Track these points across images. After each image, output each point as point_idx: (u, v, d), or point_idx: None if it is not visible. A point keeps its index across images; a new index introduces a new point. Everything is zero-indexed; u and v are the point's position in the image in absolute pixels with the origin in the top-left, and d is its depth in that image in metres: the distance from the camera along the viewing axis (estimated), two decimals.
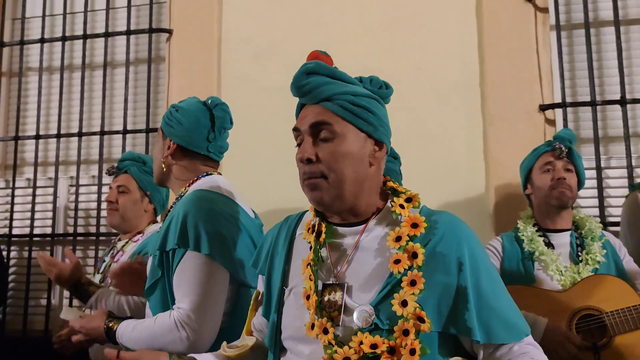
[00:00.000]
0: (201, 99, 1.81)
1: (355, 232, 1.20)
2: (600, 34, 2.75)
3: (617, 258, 2.06)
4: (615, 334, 1.86)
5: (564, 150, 2.11)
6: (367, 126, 1.19)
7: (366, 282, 1.14)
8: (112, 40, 3.22)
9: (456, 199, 2.51)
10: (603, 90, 2.69)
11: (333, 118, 1.18)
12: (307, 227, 1.26)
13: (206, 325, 1.48)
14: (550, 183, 2.10)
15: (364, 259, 1.17)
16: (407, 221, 1.16)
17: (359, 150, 1.18)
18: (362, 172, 1.19)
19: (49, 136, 3.19)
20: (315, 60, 1.25)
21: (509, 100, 2.58)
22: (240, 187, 2.75)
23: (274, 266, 1.28)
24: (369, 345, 1.07)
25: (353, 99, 1.19)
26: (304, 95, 1.23)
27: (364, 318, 1.10)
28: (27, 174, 3.31)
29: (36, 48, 3.30)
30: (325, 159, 1.17)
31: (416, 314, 1.07)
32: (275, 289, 1.25)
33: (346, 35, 2.77)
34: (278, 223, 1.37)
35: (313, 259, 1.19)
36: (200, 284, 1.49)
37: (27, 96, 3.35)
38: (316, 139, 1.19)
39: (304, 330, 1.14)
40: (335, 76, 1.23)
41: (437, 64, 2.68)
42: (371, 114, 1.20)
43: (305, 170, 1.18)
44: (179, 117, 1.73)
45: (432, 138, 2.62)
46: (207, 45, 2.92)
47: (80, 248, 3.10)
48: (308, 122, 1.20)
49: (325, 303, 1.14)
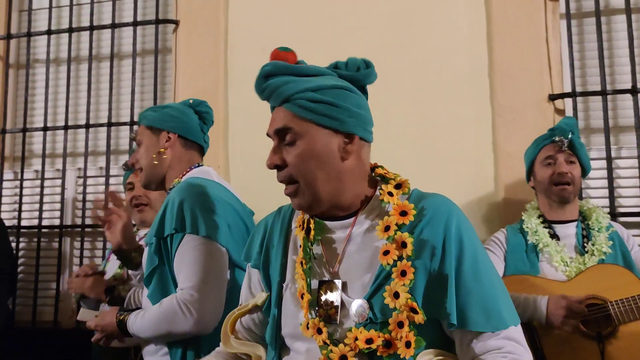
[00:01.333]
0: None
1: (345, 226, 1.18)
2: (611, 22, 2.71)
3: (625, 249, 2.04)
4: (620, 323, 1.86)
5: (564, 143, 2.08)
6: (330, 121, 1.14)
7: (360, 276, 1.13)
8: (118, 32, 3.21)
9: (465, 190, 2.49)
10: (614, 80, 2.66)
11: (293, 120, 1.15)
12: (298, 224, 1.23)
13: (210, 303, 1.50)
14: (551, 178, 2.08)
15: (356, 252, 1.15)
16: (396, 209, 1.13)
17: (324, 147, 1.14)
18: (334, 169, 1.15)
19: (56, 128, 3.19)
20: (273, 61, 1.20)
21: (518, 90, 2.55)
22: (247, 181, 2.77)
23: (270, 260, 1.26)
24: (364, 341, 1.06)
25: (313, 96, 1.14)
26: (267, 98, 1.22)
27: (359, 313, 1.09)
28: (35, 165, 3.32)
29: (43, 40, 3.30)
30: (292, 163, 1.15)
31: (408, 305, 1.05)
32: (275, 284, 1.22)
33: (353, 27, 2.74)
34: (270, 214, 1.34)
35: (304, 257, 1.17)
36: (200, 264, 1.52)
37: (35, 88, 3.35)
38: (282, 143, 1.18)
39: (301, 329, 1.14)
40: (295, 73, 1.18)
41: (445, 54, 2.65)
42: (335, 108, 1.14)
43: (278, 176, 1.19)
44: (169, 112, 1.79)
45: (440, 129, 2.60)
46: (214, 36, 2.90)
47: (88, 239, 3.12)
48: (272, 129, 1.19)
49: (322, 302, 1.13)
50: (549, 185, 2.08)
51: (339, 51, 2.77)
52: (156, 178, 1.78)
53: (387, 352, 1.05)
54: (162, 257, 1.60)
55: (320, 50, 2.61)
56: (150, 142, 1.78)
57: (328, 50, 2.68)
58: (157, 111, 1.80)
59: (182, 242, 1.55)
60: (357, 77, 1.22)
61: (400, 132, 2.55)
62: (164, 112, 1.79)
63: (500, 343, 1.06)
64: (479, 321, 1.05)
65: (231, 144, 2.83)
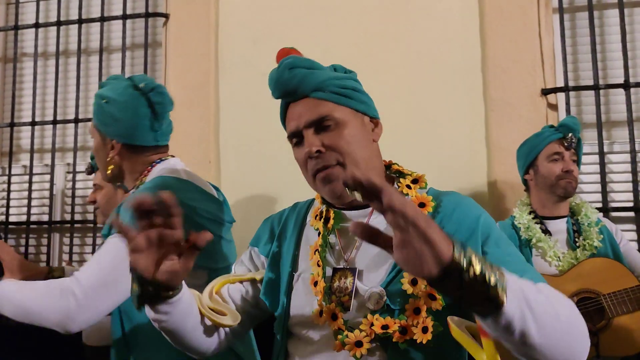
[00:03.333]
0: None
1: (363, 215, 1.18)
2: (604, 16, 2.70)
3: (614, 243, 2.06)
4: (613, 316, 1.87)
5: (574, 142, 2.11)
6: (360, 105, 1.20)
7: (375, 264, 1.13)
8: (107, 25, 3.17)
9: (458, 184, 2.48)
10: (606, 74, 2.65)
11: (330, 106, 1.16)
12: (314, 215, 1.24)
13: (98, 303, 1.35)
14: (558, 173, 2.09)
15: None
16: (414, 201, 1.15)
17: (361, 130, 1.18)
18: (370, 151, 1.19)
19: (45, 122, 3.15)
20: (290, 55, 1.22)
21: (510, 84, 2.55)
22: (239, 176, 2.75)
23: (282, 251, 1.25)
24: (380, 327, 1.06)
25: (341, 83, 1.19)
26: (291, 92, 1.19)
27: (375, 300, 1.08)
28: (23, 160, 3.28)
29: (31, 33, 3.25)
30: (336, 146, 1.14)
31: (427, 292, 1.06)
32: (285, 274, 1.22)
33: (345, 19, 2.72)
34: (284, 209, 1.34)
35: (321, 245, 1.17)
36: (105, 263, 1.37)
37: (23, 82, 3.31)
38: (317, 131, 1.16)
39: (313, 316, 1.13)
40: (313, 66, 1.20)
41: (438, 48, 2.64)
42: (359, 93, 1.21)
43: (316, 163, 1.14)
44: (112, 112, 1.54)
45: (433, 123, 2.59)
46: (204, 29, 2.87)
47: (77, 235, 3.08)
48: (307, 120, 1.16)
49: (335, 289, 1.12)
50: (556, 179, 2.10)
51: (330, 44, 2.78)
52: (115, 180, 1.65)
53: (403, 339, 1.05)
54: None
55: (312, 43, 2.60)
56: (97, 144, 1.62)
57: (320, 43, 2.66)
58: (102, 107, 1.56)
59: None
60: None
61: (392, 125, 2.51)
62: (107, 111, 1.55)
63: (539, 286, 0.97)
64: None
65: (222, 139, 2.80)
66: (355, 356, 1.06)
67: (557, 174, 2.09)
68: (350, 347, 1.07)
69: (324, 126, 1.15)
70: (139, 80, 1.58)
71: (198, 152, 2.75)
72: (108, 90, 1.57)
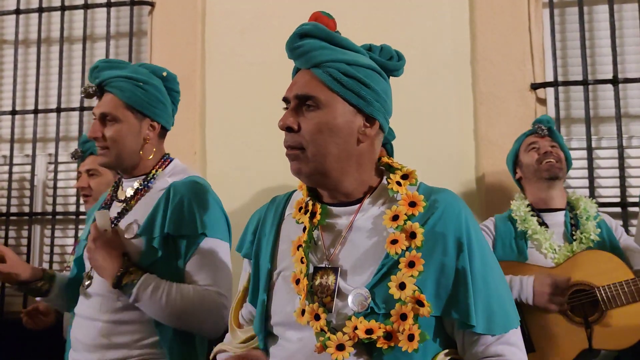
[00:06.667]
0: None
1: (349, 212, 1.13)
2: (593, 12, 2.70)
3: (613, 238, 2.05)
4: (608, 309, 1.86)
5: (544, 129, 2.15)
6: (357, 100, 1.10)
7: (361, 264, 1.08)
8: (91, 13, 3.10)
9: (446, 178, 2.47)
10: (595, 70, 2.65)
11: (319, 87, 1.10)
12: (297, 206, 1.18)
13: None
14: (537, 157, 2.12)
15: (358, 240, 1.10)
16: (405, 199, 1.10)
17: (345, 124, 1.10)
18: (347, 149, 1.10)
19: (26, 112, 3.08)
20: (313, 22, 1.16)
21: (500, 78, 2.54)
22: (225, 168, 2.71)
23: (261, 248, 1.21)
24: (364, 331, 1.01)
25: (346, 69, 1.10)
26: (297, 58, 1.15)
27: (359, 302, 1.03)
28: (3, 150, 3.20)
29: (11, 20, 3.17)
30: (307, 130, 1.09)
31: (415, 297, 1.01)
32: (264, 272, 1.18)
33: (335, 11, 2.63)
34: (264, 205, 1.30)
35: (305, 241, 1.12)
36: (222, 268, 1.56)
37: (3, 70, 3.23)
38: (301, 107, 1.11)
39: (294, 316, 1.08)
40: (333, 41, 1.14)
41: (428, 41, 2.62)
42: (365, 87, 1.11)
43: (286, 139, 1.12)
44: (156, 95, 1.62)
45: (422, 116, 2.57)
46: (191, 18, 2.82)
47: (59, 227, 3.02)
48: (294, 92, 1.12)
49: (317, 287, 1.08)
50: (537, 164, 2.11)
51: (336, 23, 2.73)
52: (130, 163, 1.62)
53: (388, 344, 1.01)
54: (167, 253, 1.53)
55: None
56: (130, 126, 1.59)
57: None
58: (147, 91, 1.59)
59: (202, 244, 1.54)
60: (388, 65, 1.18)
61: None
62: (150, 94, 1.59)
63: (500, 349, 1.04)
64: (482, 323, 1.04)
65: (208, 130, 2.76)
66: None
67: (537, 157, 2.12)
68: (332, 350, 1.02)
69: (307, 104, 1.10)
70: (163, 70, 1.66)
71: (183, 143, 2.70)
72: (138, 72, 1.61)
